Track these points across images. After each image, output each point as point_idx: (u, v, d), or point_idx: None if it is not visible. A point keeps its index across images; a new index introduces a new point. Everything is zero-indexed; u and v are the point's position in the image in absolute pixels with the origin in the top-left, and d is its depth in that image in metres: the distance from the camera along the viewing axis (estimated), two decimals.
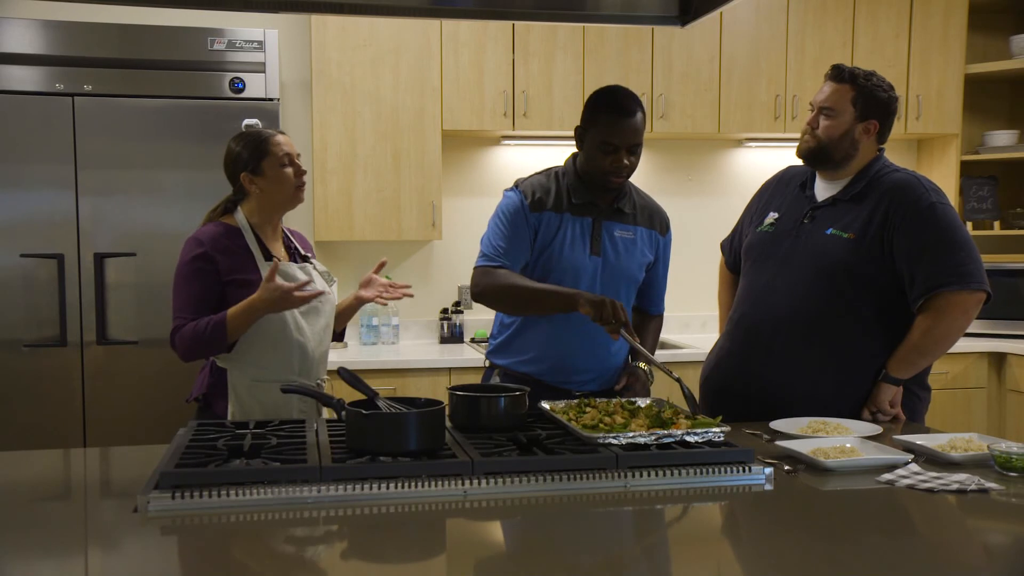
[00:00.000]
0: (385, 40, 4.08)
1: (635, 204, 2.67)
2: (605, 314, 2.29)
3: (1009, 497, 1.79)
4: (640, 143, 2.52)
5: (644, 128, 2.54)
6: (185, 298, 2.42)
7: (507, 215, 2.57)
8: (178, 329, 2.40)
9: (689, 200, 4.78)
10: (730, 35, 4.40)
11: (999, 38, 4.94)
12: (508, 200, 2.60)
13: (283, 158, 2.48)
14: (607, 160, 2.50)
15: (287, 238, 2.62)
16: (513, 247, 2.53)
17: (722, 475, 1.85)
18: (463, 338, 4.45)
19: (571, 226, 2.57)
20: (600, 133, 2.49)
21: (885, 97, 2.53)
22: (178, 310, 2.42)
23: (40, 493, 1.91)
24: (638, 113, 2.50)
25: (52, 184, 3.52)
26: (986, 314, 2.73)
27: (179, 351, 2.43)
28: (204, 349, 2.41)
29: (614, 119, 2.48)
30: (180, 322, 2.41)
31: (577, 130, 2.59)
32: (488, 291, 2.51)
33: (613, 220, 2.61)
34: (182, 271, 2.44)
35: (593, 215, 2.59)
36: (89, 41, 3.57)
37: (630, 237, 2.63)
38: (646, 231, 2.67)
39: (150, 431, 3.33)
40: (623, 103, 2.50)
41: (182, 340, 2.40)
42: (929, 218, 2.42)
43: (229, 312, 2.37)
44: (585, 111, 2.56)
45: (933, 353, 2.48)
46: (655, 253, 2.70)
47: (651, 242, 2.69)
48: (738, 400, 2.57)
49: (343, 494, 1.69)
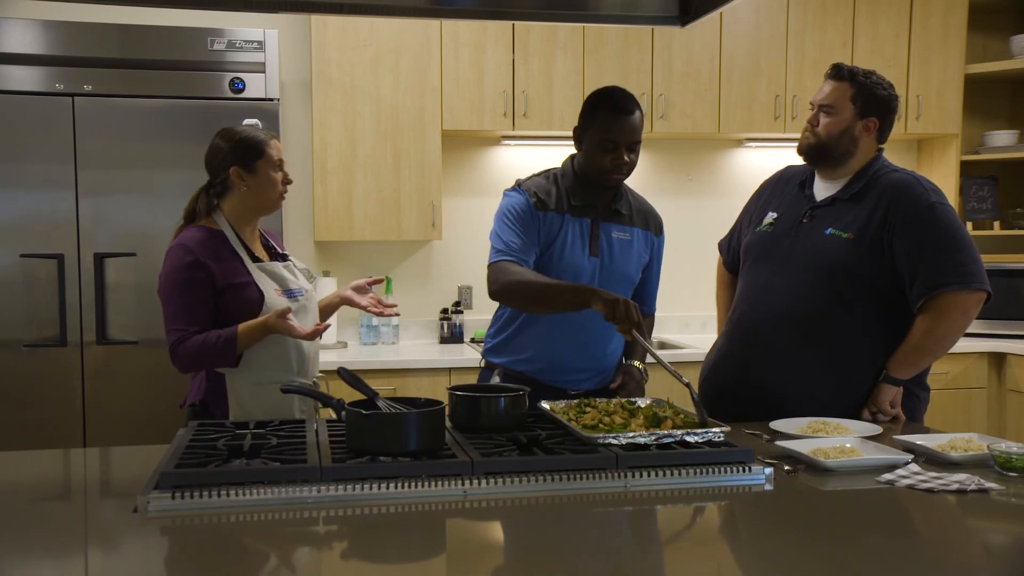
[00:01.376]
0: (385, 40, 4.08)
1: (631, 206, 2.69)
2: (619, 313, 2.23)
3: (1009, 497, 1.79)
4: (639, 141, 2.54)
5: (642, 128, 2.55)
6: (180, 308, 2.38)
7: (515, 213, 2.55)
8: (181, 342, 2.35)
9: (689, 200, 4.78)
10: (730, 35, 4.40)
11: (999, 38, 4.94)
12: (513, 199, 2.59)
13: (276, 162, 2.50)
14: (607, 158, 2.51)
15: (263, 237, 2.63)
16: (525, 243, 2.53)
17: (722, 475, 1.85)
18: (463, 338, 4.45)
19: (571, 227, 2.58)
20: (600, 131, 2.51)
21: (885, 95, 2.53)
22: (173, 321, 2.38)
23: (40, 493, 1.91)
24: (636, 112, 2.52)
25: (52, 184, 3.52)
26: (986, 314, 2.72)
27: (180, 362, 2.39)
28: (211, 362, 2.39)
29: (614, 117, 2.50)
30: (180, 334, 2.36)
31: (576, 131, 2.60)
32: (506, 287, 2.46)
33: (611, 221, 2.63)
34: (174, 280, 2.39)
35: (591, 216, 2.61)
36: (89, 41, 3.57)
37: (627, 238, 2.65)
38: (642, 232, 2.69)
39: (150, 431, 3.33)
40: (622, 102, 2.52)
41: (187, 352, 2.35)
42: (929, 218, 2.42)
43: (240, 328, 2.36)
44: (584, 111, 2.57)
45: (934, 353, 2.47)
46: (650, 254, 2.72)
47: (647, 243, 2.71)
48: (737, 400, 2.58)
49: (343, 494, 1.69)
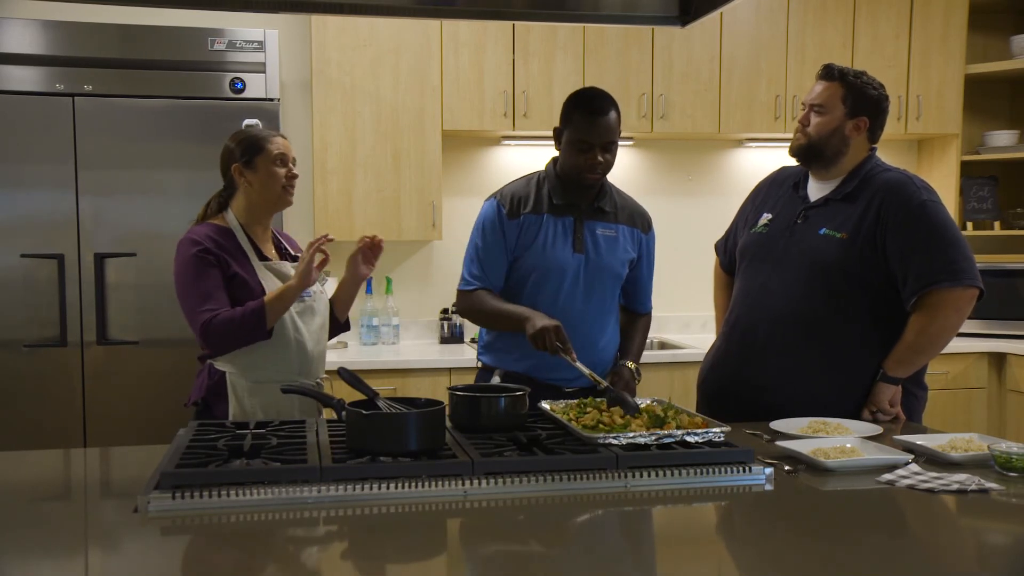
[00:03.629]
0: (385, 40, 4.08)
1: (616, 203, 2.72)
2: (538, 345, 2.42)
3: (1009, 497, 1.79)
4: (614, 141, 2.57)
5: (619, 127, 2.59)
6: (199, 292, 2.37)
7: (484, 229, 2.67)
8: (209, 322, 2.34)
9: (689, 200, 4.77)
10: (730, 35, 4.40)
11: (999, 38, 4.93)
12: (485, 212, 2.70)
13: (277, 157, 2.49)
14: (582, 158, 2.55)
15: (276, 239, 2.63)
16: (486, 269, 2.66)
17: (722, 475, 1.85)
18: (463, 338, 4.45)
19: (552, 226, 2.63)
20: (575, 132, 2.55)
21: (875, 94, 2.54)
22: (196, 306, 2.36)
23: (40, 493, 1.91)
24: (611, 112, 2.55)
25: (52, 184, 3.52)
26: (986, 314, 2.73)
27: (212, 342, 2.37)
28: (245, 337, 2.37)
29: (587, 118, 2.53)
30: (207, 315, 2.34)
31: (555, 130, 2.64)
32: (465, 312, 2.72)
33: (595, 219, 2.67)
34: (187, 269, 2.40)
35: (574, 215, 2.64)
36: (89, 41, 3.57)
37: (612, 235, 2.68)
38: (628, 229, 2.72)
39: (150, 431, 3.33)
40: (595, 102, 2.55)
41: (216, 331, 2.34)
42: (920, 216, 2.42)
43: (266, 298, 2.37)
44: (562, 112, 2.62)
45: (929, 351, 2.48)
46: (638, 251, 2.75)
47: (633, 240, 2.73)
48: (736, 401, 2.58)
49: (343, 494, 1.69)
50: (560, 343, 2.39)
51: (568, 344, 2.40)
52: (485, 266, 2.66)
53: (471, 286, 2.67)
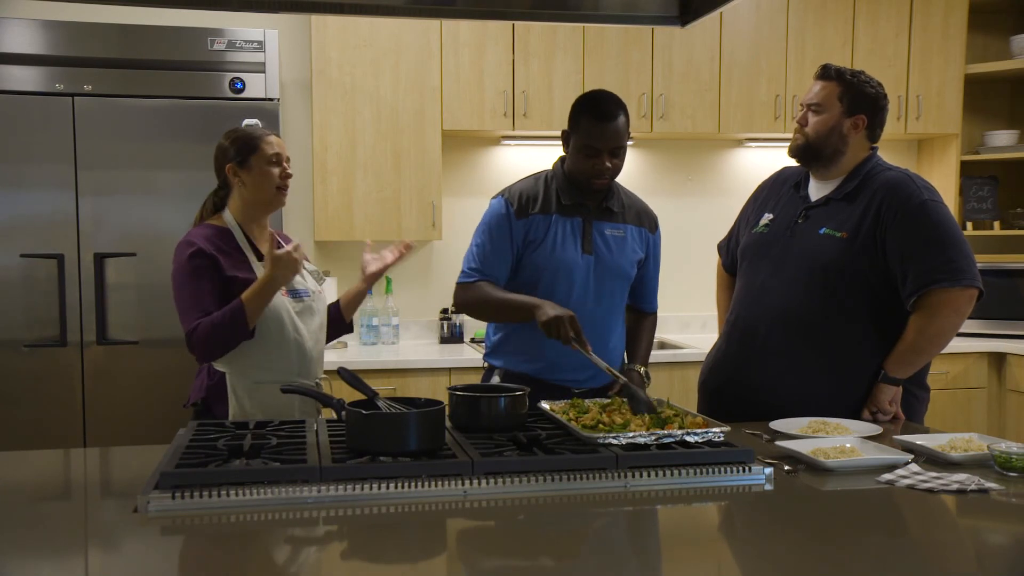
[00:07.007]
0: (385, 40, 4.08)
1: (623, 203, 2.71)
2: (552, 332, 2.37)
3: (1009, 497, 1.79)
4: (622, 146, 2.55)
5: (627, 131, 2.57)
6: (191, 298, 2.37)
7: (490, 226, 2.63)
8: (193, 331, 2.34)
9: (689, 200, 4.78)
10: (730, 35, 4.40)
11: (999, 38, 4.93)
12: (493, 209, 2.66)
13: (271, 157, 2.48)
14: (589, 163, 2.54)
15: (276, 240, 2.62)
16: (490, 264, 2.61)
17: (722, 475, 1.85)
18: (463, 338, 4.45)
19: (561, 226, 2.61)
20: (582, 137, 2.53)
21: (872, 92, 2.54)
22: (186, 312, 2.37)
23: (40, 493, 1.91)
24: (620, 117, 2.53)
25: (52, 184, 3.52)
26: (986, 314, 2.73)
27: (199, 351, 2.36)
28: (227, 339, 2.35)
29: (595, 123, 2.51)
30: (193, 323, 2.34)
31: (563, 133, 2.63)
32: (465, 305, 2.67)
33: (603, 220, 2.66)
34: (181, 273, 2.39)
35: (583, 215, 2.63)
36: (89, 41, 3.57)
37: (620, 235, 2.67)
38: (636, 229, 2.71)
39: (150, 431, 3.33)
40: (604, 108, 2.53)
41: (199, 338, 2.33)
42: (920, 216, 2.42)
43: (243, 296, 2.34)
44: (570, 115, 2.60)
45: (929, 351, 2.48)
46: (645, 250, 2.74)
47: (641, 239, 2.72)
48: (736, 400, 2.58)
49: (343, 494, 1.69)
50: (575, 333, 2.36)
51: (582, 336, 2.37)
52: (489, 262, 2.62)
53: (471, 278, 2.63)
